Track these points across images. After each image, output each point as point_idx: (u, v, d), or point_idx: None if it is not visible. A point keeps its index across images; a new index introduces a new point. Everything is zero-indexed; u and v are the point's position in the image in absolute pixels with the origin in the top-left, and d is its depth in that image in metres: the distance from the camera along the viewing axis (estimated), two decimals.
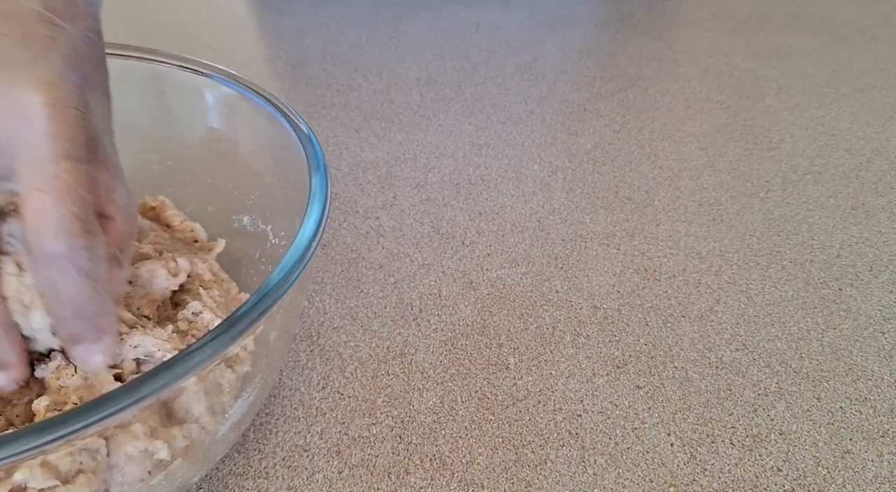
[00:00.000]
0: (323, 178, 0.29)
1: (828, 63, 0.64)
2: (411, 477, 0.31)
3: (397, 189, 0.47)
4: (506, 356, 0.36)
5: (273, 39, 0.65)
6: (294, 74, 0.60)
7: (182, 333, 0.31)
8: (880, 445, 0.33)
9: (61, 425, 0.20)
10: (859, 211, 0.47)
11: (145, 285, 0.32)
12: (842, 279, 0.42)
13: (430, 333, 0.38)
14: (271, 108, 0.33)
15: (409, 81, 0.59)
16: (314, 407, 0.34)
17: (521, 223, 0.45)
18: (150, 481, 0.26)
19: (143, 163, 0.39)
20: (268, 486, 0.31)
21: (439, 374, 0.36)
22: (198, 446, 0.27)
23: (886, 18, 0.72)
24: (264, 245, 0.35)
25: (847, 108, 0.57)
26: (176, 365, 0.22)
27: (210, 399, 0.27)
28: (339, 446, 0.32)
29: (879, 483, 0.31)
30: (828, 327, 0.39)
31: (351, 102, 0.56)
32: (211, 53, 0.62)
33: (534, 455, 0.32)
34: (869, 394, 0.35)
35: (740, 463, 0.32)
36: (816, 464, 0.32)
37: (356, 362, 0.36)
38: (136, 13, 0.68)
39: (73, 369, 0.28)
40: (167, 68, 0.37)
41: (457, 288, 0.40)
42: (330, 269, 0.41)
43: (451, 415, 0.34)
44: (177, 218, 0.38)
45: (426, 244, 0.43)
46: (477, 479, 0.31)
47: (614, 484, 0.31)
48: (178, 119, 0.38)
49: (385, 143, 0.52)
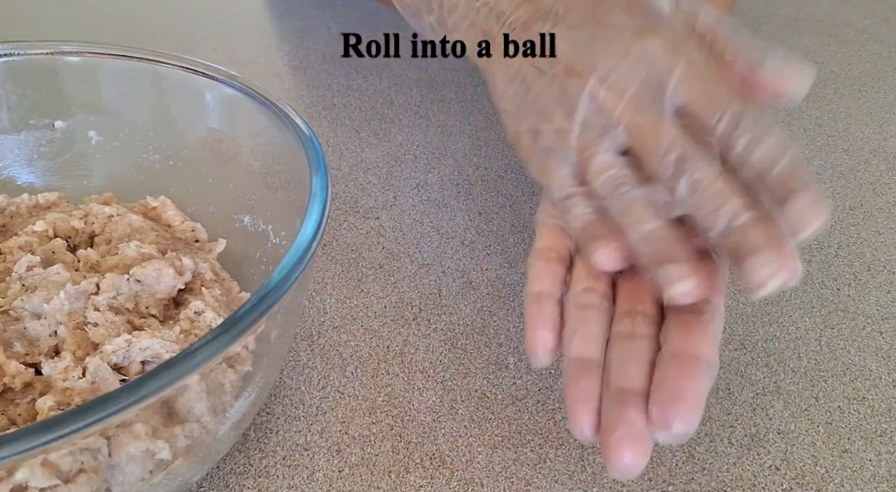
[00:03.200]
0: (323, 178, 0.29)
1: (826, 64, 0.64)
2: (411, 476, 0.31)
3: (397, 189, 0.47)
4: (505, 356, 0.37)
5: (273, 40, 0.65)
6: (294, 75, 0.60)
7: (185, 333, 0.31)
8: (878, 444, 0.33)
9: (63, 424, 0.20)
10: (857, 211, 0.47)
11: (153, 284, 0.32)
12: (840, 279, 0.42)
13: (430, 333, 0.38)
14: (272, 109, 0.34)
15: (409, 82, 0.59)
16: (314, 406, 0.34)
17: (521, 223, 0.45)
18: (150, 480, 0.26)
19: (145, 163, 0.39)
20: (268, 485, 0.31)
21: (439, 373, 0.36)
22: (199, 446, 0.27)
23: (885, 20, 0.72)
24: (265, 245, 0.36)
25: (845, 108, 0.57)
26: (177, 364, 0.22)
27: (212, 399, 0.27)
28: (339, 445, 0.32)
29: (878, 482, 0.31)
30: (826, 327, 0.39)
31: (351, 103, 0.56)
32: (211, 54, 0.62)
33: (533, 454, 0.32)
34: (867, 393, 0.35)
35: (738, 462, 0.32)
36: (815, 463, 0.32)
37: (356, 362, 0.36)
38: (137, 13, 0.69)
39: (80, 371, 0.28)
40: (168, 69, 0.37)
41: (457, 288, 0.40)
42: (330, 269, 0.41)
43: (451, 414, 0.34)
44: (178, 218, 0.38)
45: (426, 244, 0.43)
46: (476, 478, 0.31)
47: (613, 483, 0.31)
48: (179, 120, 0.38)
49: (385, 143, 0.52)
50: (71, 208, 0.38)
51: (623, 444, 0.23)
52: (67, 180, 0.40)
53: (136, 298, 0.32)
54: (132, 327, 0.31)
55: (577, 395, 0.26)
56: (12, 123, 0.38)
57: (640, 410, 0.24)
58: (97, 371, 0.28)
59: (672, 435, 0.24)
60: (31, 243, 0.34)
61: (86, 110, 0.39)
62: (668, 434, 0.24)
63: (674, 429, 0.23)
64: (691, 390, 0.24)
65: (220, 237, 0.37)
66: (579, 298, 0.28)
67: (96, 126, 0.39)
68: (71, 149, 0.39)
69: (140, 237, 0.35)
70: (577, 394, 0.26)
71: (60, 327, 0.30)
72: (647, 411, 0.24)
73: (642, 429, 0.24)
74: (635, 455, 0.23)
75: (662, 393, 0.24)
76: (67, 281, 0.32)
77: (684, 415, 0.24)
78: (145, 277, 0.32)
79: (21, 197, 0.38)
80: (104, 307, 0.31)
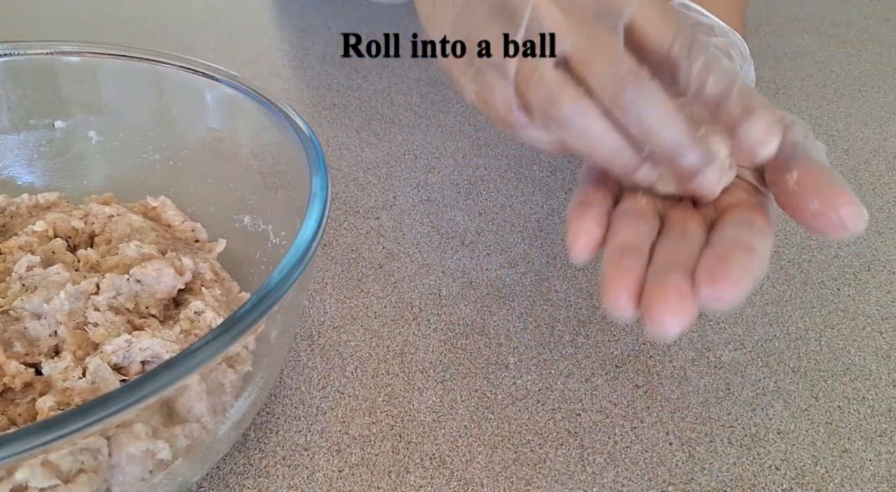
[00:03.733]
0: (323, 178, 0.29)
1: (826, 64, 0.64)
2: (411, 476, 0.31)
3: (397, 189, 0.47)
4: (505, 356, 0.37)
5: (273, 40, 0.65)
6: (294, 75, 0.60)
7: (185, 333, 0.31)
8: (878, 444, 0.33)
9: (63, 424, 0.20)
10: None
11: (153, 284, 0.32)
12: (840, 279, 0.42)
13: (429, 333, 0.38)
14: (272, 109, 0.34)
15: (409, 82, 0.59)
16: (314, 406, 0.34)
17: (521, 223, 0.45)
18: (151, 480, 0.26)
19: (145, 163, 0.39)
20: (268, 484, 0.31)
21: (439, 373, 0.36)
22: (199, 446, 0.27)
23: (885, 20, 0.72)
24: (265, 245, 0.36)
25: (845, 108, 0.57)
26: (177, 364, 0.22)
27: (212, 399, 0.27)
28: (339, 445, 0.32)
29: (877, 482, 0.31)
30: (826, 327, 0.39)
31: (351, 103, 0.56)
32: (211, 54, 0.62)
33: (533, 454, 0.32)
34: (867, 393, 0.35)
35: (738, 462, 0.32)
36: (815, 463, 0.32)
37: (356, 362, 0.36)
38: (137, 13, 0.69)
39: (80, 371, 0.28)
40: (168, 69, 0.37)
41: (456, 288, 0.40)
42: (330, 269, 0.41)
43: (451, 414, 0.34)
44: (178, 218, 0.38)
45: (426, 244, 0.43)
46: (476, 478, 0.31)
47: (613, 483, 0.31)
48: (179, 120, 0.39)
49: (385, 143, 0.52)
50: (71, 208, 0.38)
51: (668, 299, 0.23)
52: (67, 180, 0.40)
53: (136, 298, 0.32)
54: (132, 327, 0.31)
55: (617, 271, 0.25)
56: (12, 122, 0.38)
57: (685, 276, 0.23)
58: (97, 371, 0.28)
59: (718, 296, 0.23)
60: (31, 243, 0.34)
61: (86, 110, 0.39)
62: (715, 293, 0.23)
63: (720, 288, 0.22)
64: (742, 261, 0.23)
65: (220, 237, 0.37)
66: (627, 209, 0.28)
67: (96, 126, 0.39)
68: (71, 149, 0.39)
69: (140, 237, 0.35)
70: (616, 270, 0.25)
71: (60, 327, 0.30)
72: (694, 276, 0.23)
73: (686, 292, 0.23)
74: (677, 313, 0.22)
75: (712, 257, 0.24)
76: (67, 281, 0.32)
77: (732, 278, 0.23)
78: (145, 277, 0.32)
79: (21, 197, 0.38)
80: (104, 307, 0.31)
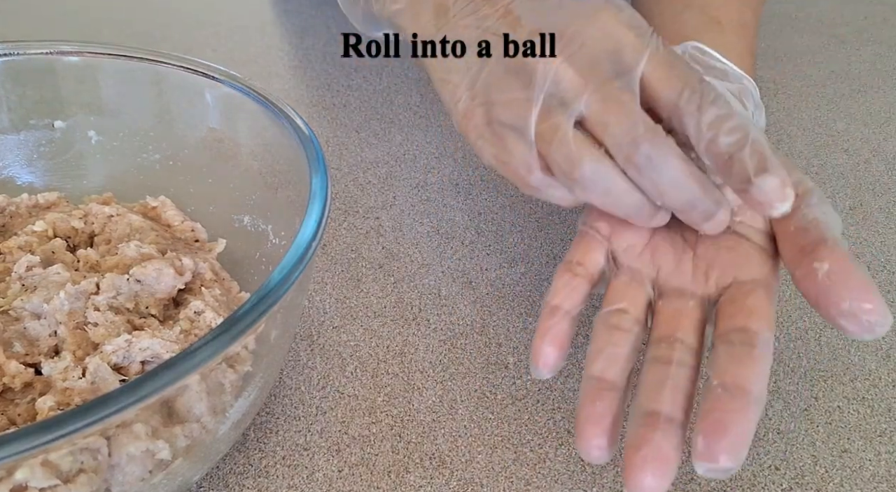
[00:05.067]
0: (323, 178, 0.29)
1: (826, 64, 0.64)
2: (411, 476, 0.31)
3: (397, 189, 0.47)
4: (505, 356, 0.37)
5: (273, 40, 0.65)
6: (294, 75, 0.60)
7: (185, 333, 0.31)
8: (878, 444, 0.33)
9: (63, 424, 0.20)
10: (857, 212, 0.47)
11: (153, 284, 0.32)
12: None
13: (429, 333, 0.38)
14: (272, 109, 0.34)
15: (409, 82, 0.59)
16: (314, 406, 0.34)
17: (521, 223, 0.45)
18: (150, 480, 0.26)
19: (144, 163, 0.39)
20: (268, 484, 0.31)
21: (439, 373, 0.36)
22: (199, 446, 0.27)
23: (884, 20, 0.72)
24: (265, 245, 0.36)
25: (845, 108, 0.57)
26: (177, 364, 0.22)
27: (212, 399, 0.27)
28: (339, 445, 0.32)
29: (877, 482, 0.31)
30: (825, 327, 0.39)
31: (351, 103, 0.56)
32: (211, 54, 0.62)
33: (533, 454, 0.32)
34: (867, 393, 0.35)
35: None
36: (814, 463, 0.32)
37: (356, 362, 0.36)
38: (137, 13, 0.69)
39: (80, 371, 0.28)
40: (168, 69, 0.37)
41: (456, 288, 0.40)
42: (330, 268, 0.41)
43: (451, 414, 0.34)
44: (177, 218, 0.38)
45: (426, 244, 0.43)
46: (476, 478, 0.31)
47: (613, 483, 0.31)
48: (179, 119, 0.39)
49: (385, 143, 0.52)
50: (71, 208, 0.38)
51: (647, 465, 0.23)
52: (67, 180, 0.40)
53: (136, 298, 0.32)
54: (132, 327, 0.31)
55: (591, 415, 0.25)
56: (12, 122, 0.38)
57: (667, 435, 0.24)
58: (97, 371, 0.28)
59: (717, 469, 0.23)
60: (30, 243, 0.34)
61: (85, 110, 0.39)
62: (714, 467, 0.23)
63: (721, 463, 0.23)
64: (741, 423, 0.23)
65: (220, 237, 0.37)
66: (611, 319, 0.28)
67: (96, 126, 0.39)
68: (71, 149, 0.39)
69: (140, 237, 0.35)
70: (590, 414, 0.25)
71: (60, 327, 0.30)
72: (691, 441, 0.24)
73: (668, 454, 0.23)
74: (657, 478, 0.23)
75: (709, 423, 0.23)
76: (67, 281, 0.32)
77: (732, 449, 0.23)
78: (145, 277, 0.32)
79: (21, 197, 0.38)
80: (104, 307, 0.31)
